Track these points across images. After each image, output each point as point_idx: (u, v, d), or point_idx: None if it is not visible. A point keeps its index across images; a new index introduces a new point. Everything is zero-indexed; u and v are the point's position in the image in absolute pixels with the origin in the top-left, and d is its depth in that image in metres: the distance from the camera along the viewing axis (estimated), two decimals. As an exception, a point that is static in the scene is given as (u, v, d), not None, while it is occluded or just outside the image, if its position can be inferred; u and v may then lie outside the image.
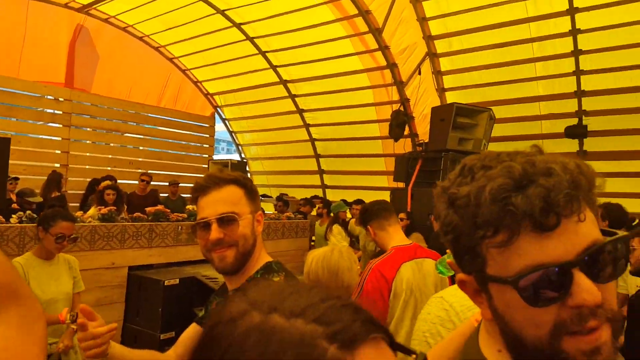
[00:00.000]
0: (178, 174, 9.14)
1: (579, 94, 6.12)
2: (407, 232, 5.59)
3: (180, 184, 7.95)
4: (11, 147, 4.88)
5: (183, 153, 9.80)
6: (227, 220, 1.19)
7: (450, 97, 7.01)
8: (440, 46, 6.85)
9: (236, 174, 1.28)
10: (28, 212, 4.32)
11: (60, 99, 7.76)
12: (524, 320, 0.55)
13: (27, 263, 2.76)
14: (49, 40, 7.65)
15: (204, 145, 10.05)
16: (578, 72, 6.00)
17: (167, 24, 8.02)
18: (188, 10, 7.43)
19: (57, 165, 7.70)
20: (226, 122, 10.32)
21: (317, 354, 0.37)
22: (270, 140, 9.72)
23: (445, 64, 6.99)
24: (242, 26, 7.75)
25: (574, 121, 6.20)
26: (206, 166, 9.32)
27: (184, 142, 9.84)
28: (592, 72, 5.91)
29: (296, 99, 8.69)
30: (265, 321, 0.38)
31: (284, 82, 8.53)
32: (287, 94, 8.66)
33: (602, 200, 3.48)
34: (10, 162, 5.00)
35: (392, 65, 7.13)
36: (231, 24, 7.69)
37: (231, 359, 0.38)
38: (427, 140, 6.09)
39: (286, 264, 1.36)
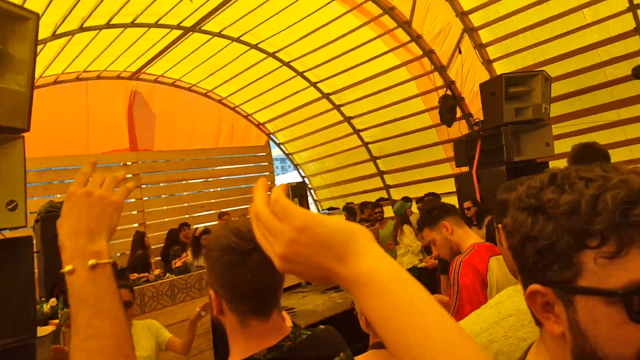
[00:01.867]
0: (246, 206, 9.26)
1: (639, 29, 5.42)
2: (478, 218, 5.24)
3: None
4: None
5: (247, 186, 9.93)
6: None
7: (500, 68, 6.54)
8: (476, 19, 6.40)
9: None
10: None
11: (128, 163, 8.16)
12: (612, 337, 0.53)
13: None
14: (110, 111, 8.09)
15: (265, 173, 10.11)
16: (633, 7, 5.31)
17: (210, 70, 8.25)
18: (226, 53, 7.65)
19: (136, 225, 8.02)
20: (281, 146, 10.34)
21: None
22: (325, 154, 9.62)
23: (485, 35, 6.53)
24: (277, 54, 7.82)
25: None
26: (269, 193, 9.55)
27: (246, 175, 10.10)
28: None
29: (342, 108, 8.56)
30: None
31: (327, 96, 8.46)
32: (332, 106, 8.57)
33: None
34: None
35: (428, 53, 6.79)
36: (266, 55, 7.80)
37: None
38: (482, 119, 5.69)
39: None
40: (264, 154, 10.28)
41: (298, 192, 8.37)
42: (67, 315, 3.80)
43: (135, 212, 8.27)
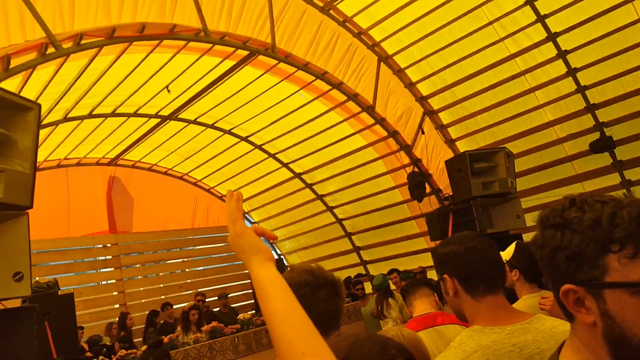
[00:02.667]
0: (224, 285, 9.26)
1: (590, 108, 5.81)
2: None
3: (229, 295, 8.27)
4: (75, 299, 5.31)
5: (225, 264, 9.86)
6: None
7: (462, 145, 6.84)
8: (435, 102, 6.81)
9: None
10: (100, 357, 4.59)
11: (108, 245, 8.11)
12: (637, 319, 0.67)
13: None
14: (89, 196, 8.14)
15: (242, 253, 10.37)
16: (581, 89, 5.76)
17: (185, 155, 8.48)
18: (201, 138, 7.92)
19: (117, 306, 7.92)
20: (255, 225, 10.70)
21: None
22: (300, 231, 9.62)
23: (445, 117, 6.91)
24: (249, 138, 8.08)
25: (596, 136, 5.87)
26: (248, 271, 9.51)
27: (223, 254, 10.16)
28: (595, 84, 5.66)
29: (314, 187, 8.71)
30: None
31: (299, 175, 8.63)
32: (304, 185, 8.72)
33: None
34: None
35: (393, 134, 7.09)
36: (239, 139, 8.05)
37: None
38: (451, 193, 5.80)
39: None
40: (241, 233, 10.31)
41: (278, 269, 8.34)
42: None
43: (115, 293, 8.10)
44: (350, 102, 6.96)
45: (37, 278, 6.78)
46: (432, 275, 6.36)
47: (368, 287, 7.42)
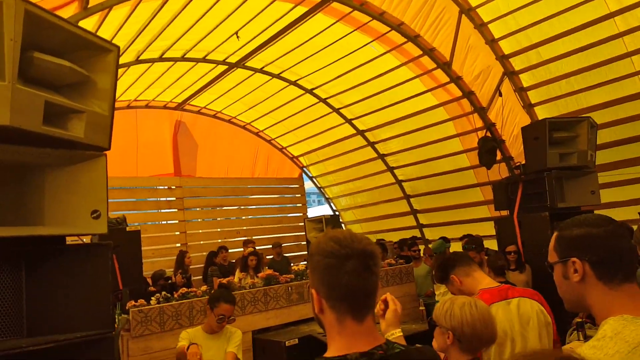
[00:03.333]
0: (278, 235, 9.53)
1: None
2: (518, 263, 4.95)
3: (282, 245, 8.49)
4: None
5: (280, 215, 10.17)
6: None
7: (541, 112, 6.35)
8: (518, 63, 6.28)
9: None
10: (163, 292, 4.84)
11: (172, 187, 8.50)
12: None
13: (195, 335, 3.13)
14: (156, 138, 8.46)
15: (297, 205, 10.25)
16: None
17: (249, 104, 8.50)
18: (266, 88, 7.89)
19: (178, 245, 8.36)
20: (313, 179, 10.39)
21: None
22: (357, 190, 9.55)
23: (526, 79, 6.38)
24: (314, 91, 7.93)
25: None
26: (302, 224, 9.71)
27: (279, 205, 10.23)
28: None
29: (375, 145, 8.52)
30: None
31: (361, 132, 8.43)
32: (366, 143, 8.54)
33: None
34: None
35: (468, 94, 6.68)
36: (304, 91, 7.93)
37: None
38: (523, 162, 5.47)
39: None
40: (297, 186, 10.38)
41: (332, 224, 8.41)
42: (125, 320, 3.94)
43: (177, 233, 8.56)
44: (424, 57, 6.55)
45: (106, 213, 7.29)
46: (492, 244, 6.04)
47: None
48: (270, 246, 8.23)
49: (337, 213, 10.36)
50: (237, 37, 6.16)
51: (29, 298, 1.67)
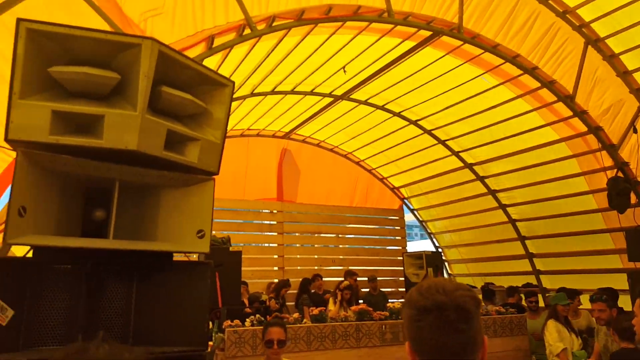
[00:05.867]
0: (375, 268, 9.35)
1: None
2: None
3: (378, 278, 8.32)
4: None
5: (378, 247, 10.00)
6: None
7: None
8: None
9: None
10: (257, 315, 5.00)
11: (274, 211, 8.92)
12: None
13: None
14: (264, 164, 8.96)
15: (396, 238, 10.03)
16: None
17: (352, 134, 8.68)
18: (369, 119, 8.01)
19: (276, 268, 8.70)
20: (415, 212, 10.17)
21: None
22: (464, 226, 9.05)
23: None
24: (419, 122, 7.82)
25: None
26: (401, 258, 9.44)
27: (377, 237, 10.13)
28: None
29: (486, 180, 8.09)
30: None
31: (469, 166, 8.07)
32: (474, 177, 8.14)
33: None
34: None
35: (595, 130, 6.06)
36: (408, 122, 7.84)
37: None
38: None
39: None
40: (397, 218, 10.19)
41: (433, 262, 8.04)
42: (220, 339, 4.16)
43: (276, 256, 8.89)
44: (543, 90, 6.11)
45: (213, 232, 7.85)
46: (624, 302, 5.23)
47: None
48: (366, 279, 8.11)
49: (439, 250, 9.90)
50: (344, 71, 6.39)
51: (137, 309, 1.84)
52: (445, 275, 9.43)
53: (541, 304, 6.35)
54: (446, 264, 9.89)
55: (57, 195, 1.71)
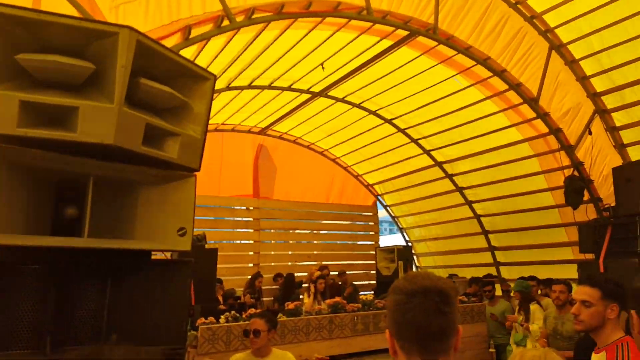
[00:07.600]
0: (348, 262, 9.40)
1: None
2: None
3: (348, 272, 8.33)
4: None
5: (351, 242, 10.06)
6: None
7: (634, 152, 5.75)
8: (610, 101, 5.75)
9: None
10: (232, 312, 4.87)
11: (250, 208, 8.75)
12: None
13: (245, 358, 3.05)
14: (239, 160, 8.73)
15: (370, 233, 10.10)
16: None
17: (328, 131, 8.59)
18: (345, 117, 7.94)
19: (251, 265, 8.52)
20: (387, 208, 10.17)
21: None
22: (432, 221, 9.18)
23: (619, 118, 5.82)
24: (394, 121, 7.83)
25: None
26: (373, 252, 9.51)
27: (351, 232, 10.19)
28: None
29: (454, 177, 8.20)
30: None
31: (439, 164, 8.15)
32: (444, 174, 8.25)
33: None
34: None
35: (555, 131, 6.19)
36: (383, 121, 7.86)
37: None
38: (613, 204, 5.16)
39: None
40: (370, 214, 10.23)
41: (404, 256, 8.12)
42: (193, 336, 4.02)
43: (251, 253, 8.72)
44: (510, 92, 6.20)
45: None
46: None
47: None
48: (336, 273, 8.13)
49: (409, 244, 9.99)
50: (323, 67, 6.29)
51: (111, 308, 1.72)
52: (414, 268, 9.52)
53: (498, 292, 6.50)
54: (415, 257, 10.00)
55: (26, 192, 1.56)
